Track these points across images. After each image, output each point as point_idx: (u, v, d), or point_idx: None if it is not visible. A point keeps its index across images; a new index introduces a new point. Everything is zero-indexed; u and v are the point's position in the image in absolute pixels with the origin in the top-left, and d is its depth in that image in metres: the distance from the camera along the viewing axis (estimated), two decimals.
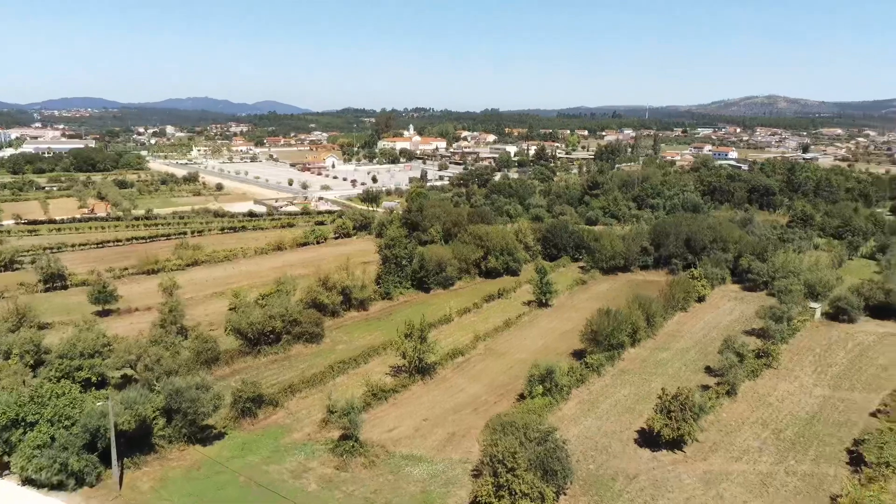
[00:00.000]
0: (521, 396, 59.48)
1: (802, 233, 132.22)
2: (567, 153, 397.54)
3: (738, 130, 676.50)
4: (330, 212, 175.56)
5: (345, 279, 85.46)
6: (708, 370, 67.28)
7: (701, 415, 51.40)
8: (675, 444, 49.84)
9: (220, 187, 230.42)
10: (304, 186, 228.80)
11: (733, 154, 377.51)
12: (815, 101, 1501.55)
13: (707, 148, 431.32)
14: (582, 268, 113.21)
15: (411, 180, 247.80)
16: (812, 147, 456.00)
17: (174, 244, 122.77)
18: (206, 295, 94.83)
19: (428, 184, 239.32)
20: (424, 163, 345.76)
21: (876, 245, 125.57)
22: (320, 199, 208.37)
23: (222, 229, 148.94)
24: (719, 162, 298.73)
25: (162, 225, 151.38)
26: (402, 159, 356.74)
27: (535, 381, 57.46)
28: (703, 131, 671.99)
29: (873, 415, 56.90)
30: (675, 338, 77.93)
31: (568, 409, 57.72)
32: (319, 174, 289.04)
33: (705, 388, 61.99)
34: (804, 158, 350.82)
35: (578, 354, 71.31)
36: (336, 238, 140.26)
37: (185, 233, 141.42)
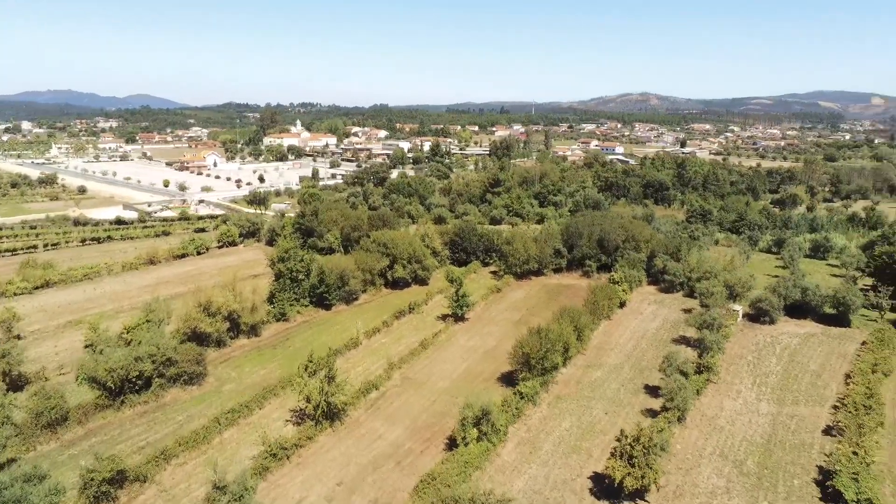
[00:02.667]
0: (451, 441, 50.45)
1: (704, 228, 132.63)
2: (461, 149, 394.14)
3: (619, 126, 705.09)
4: (212, 216, 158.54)
5: (231, 301, 72.59)
6: (647, 389, 61.42)
7: (661, 454, 44.61)
8: (638, 492, 42.72)
9: (82, 190, 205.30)
10: (183, 188, 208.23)
11: (620, 149, 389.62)
12: (683, 98, 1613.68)
13: (594, 143, 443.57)
14: (494, 273, 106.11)
15: (302, 179, 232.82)
16: (688, 142, 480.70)
17: (21, 261, 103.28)
18: (58, 325, 78.57)
19: (320, 183, 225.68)
20: (315, 160, 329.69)
21: (772, 239, 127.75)
22: (201, 201, 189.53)
23: (83, 241, 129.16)
24: (609, 157, 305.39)
25: (7, 237, 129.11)
26: (290, 157, 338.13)
27: (468, 423, 48.58)
28: (587, 126, 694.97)
29: (826, 433, 52.90)
30: (605, 351, 71.94)
31: (507, 455, 49.34)
32: (200, 174, 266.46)
33: (651, 413, 55.90)
34: (683, 153, 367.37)
35: (507, 379, 63.46)
36: (220, 247, 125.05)
37: (35, 246, 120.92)
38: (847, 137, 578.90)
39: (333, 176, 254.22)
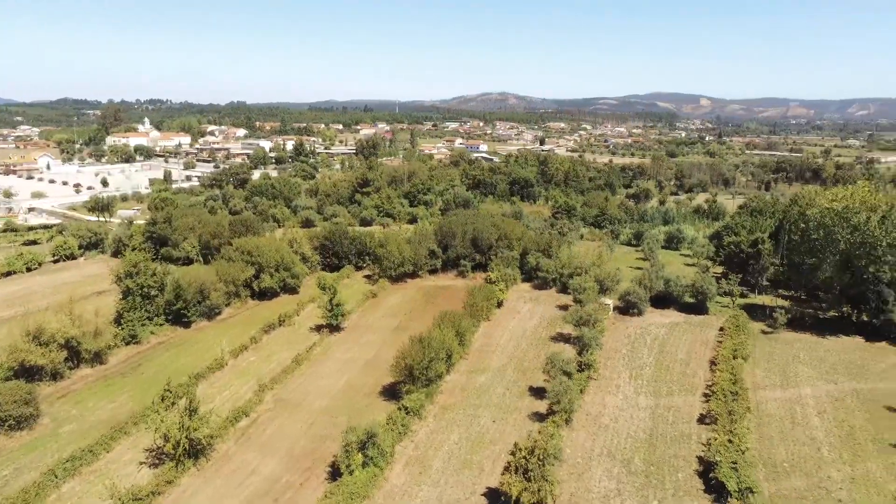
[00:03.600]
0: (334, 468, 46.27)
1: (570, 223, 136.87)
2: (326, 148, 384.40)
3: (482, 124, 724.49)
4: (46, 226, 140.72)
5: (69, 326, 63.08)
6: (532, 391, 60.71)
7: (555, 463, 43.42)
8: None
9: None
10: (8, 195, 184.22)
11: (484, 147, 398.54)
12: (539, 98, 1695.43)
13: (459, 141, 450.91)
14: (368, 277, 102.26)
15: (152, 182, 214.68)
16: (546, 140, 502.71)
17: None
18: None
19: (174, 186, 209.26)
20: (167, 161, 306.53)
21: (632, 232, 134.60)
22: (31, 209, 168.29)
23: None
24: (475, 155, 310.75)
25: None
26: (138, 158, 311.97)
27: (352, 449, 44.66)
28: (451, 125, 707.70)
29: (701, 421, 54.72)
30: (487, 354, 70.72)
31: (395, 478, 46.02)
32: (30, 178, 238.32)
33: (538, 416, 55.03)
34: (543, 150, 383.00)
35: (390, 391, 60.14)
36: (56, 262, 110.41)
37: None
38: (683, 135, 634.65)
39: (189, 178, 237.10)
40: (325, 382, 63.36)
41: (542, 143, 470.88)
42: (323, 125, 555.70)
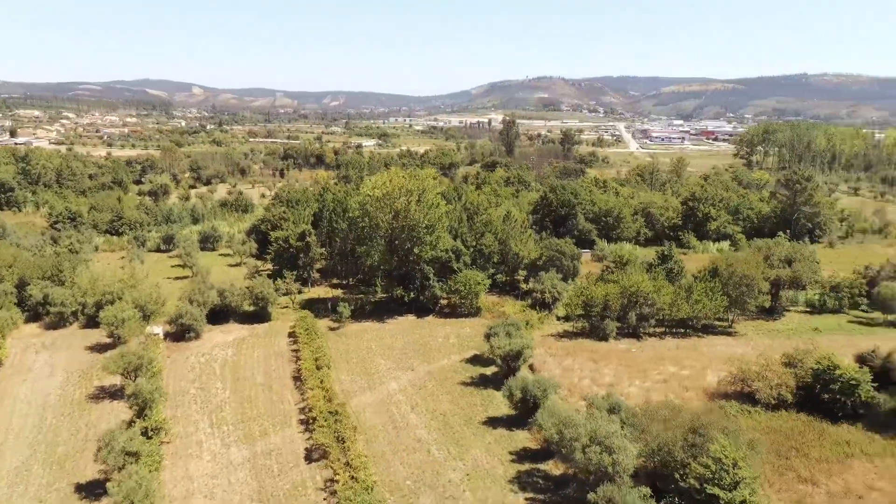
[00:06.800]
0: None
1: (79, 235, 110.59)
2: None
3: None
4: None
5: None
6: (82, 491, 42.59)
7: None
8: None
9: None
10: None
11: None
12: None
13: None
14: None
15: None
16: (19, 131, 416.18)
17: None
18: None
19: None
20: None
21: (160, 236, 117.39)
22: None
23: None
24: None
25: None
26: None
27: None
28: None
29: (309, 459, 46.92)
30: None
31: None
32: None
33: None
34: (18, 143, 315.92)
35: None
36: None
37: None
38: (183, 124, 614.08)
39: None
40: None
41: (13, 134, 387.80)
42: None
